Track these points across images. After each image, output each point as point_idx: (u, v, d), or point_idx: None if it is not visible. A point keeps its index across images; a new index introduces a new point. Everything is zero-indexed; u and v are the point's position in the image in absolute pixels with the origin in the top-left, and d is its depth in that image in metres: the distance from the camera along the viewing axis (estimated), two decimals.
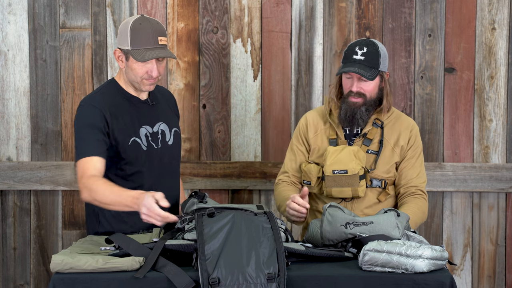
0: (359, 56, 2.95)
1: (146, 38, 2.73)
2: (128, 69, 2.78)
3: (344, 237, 2.53)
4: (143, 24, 2.74)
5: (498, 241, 3.77)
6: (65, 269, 2.28)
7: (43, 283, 3.79)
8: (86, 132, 2.70)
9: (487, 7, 3.68)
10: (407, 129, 3.04)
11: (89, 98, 2.79)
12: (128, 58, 2.76)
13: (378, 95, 3.00)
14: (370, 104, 2.97)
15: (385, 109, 3.02)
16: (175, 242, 2.38)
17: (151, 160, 2.83)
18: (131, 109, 2.82)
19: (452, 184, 3.71)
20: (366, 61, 2.94)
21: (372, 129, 3.01)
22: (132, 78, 2.79)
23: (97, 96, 2.78)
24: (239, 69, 3.72)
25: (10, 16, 3.70)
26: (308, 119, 3.11)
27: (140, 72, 2.75)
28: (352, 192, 2.93)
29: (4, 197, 3.77)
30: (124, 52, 2.76)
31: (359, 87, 2.95)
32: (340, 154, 2.92)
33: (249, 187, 3.72)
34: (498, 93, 3.71)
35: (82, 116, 2.74)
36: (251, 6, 3.69)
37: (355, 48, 2.96)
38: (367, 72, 2.92)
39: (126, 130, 2.77)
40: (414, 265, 2.28)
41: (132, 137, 2.79)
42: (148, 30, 2.73)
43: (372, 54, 2.94)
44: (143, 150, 2.81)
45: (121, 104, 2.80)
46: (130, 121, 2.79)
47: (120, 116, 2.77)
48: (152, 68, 2.75)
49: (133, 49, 2.73)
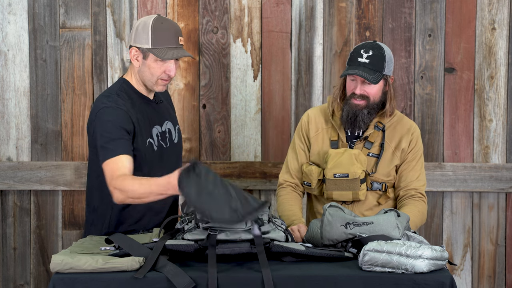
0: (364, 59, 2.93)
1: (168, 37, 2.73)
2: (144, 67, 2.76)
3: (344, 237, 2.53)
4: (164, 23, 2.74)
5: (498, 241, 3.77)
6: (65, 269, 2.28)
7: (43, 283, 3.79)
8: (116, 132, 2.66)
9: (487, 7, 3.68)
10: (408, 132, 3.03)
11: (113, 100, 2.73)
12: (146, 57, 2.74)
13: (381, 99, 2.99)
14: (372, 107, 2.96)
15: (388, 113, 3.01)
16: (175, 242, 2.38)
17: (162, 160, 2.83)
18: (145, 109, 2.81)
19: (452, 184, 3.71)
20: (371, 64, 2.92)
21: (374, 132, 3.00)
22: (147, 78, 2.77)
23: (118, 98, 2.74)
24: (239, 69, 3.72)
25: (10, 16, 3.70)
26: (310, 116, 3.10)
27: (158, 71, 2.75)
28: (353, 196, 2.93)
29: (4, 197, 3.77)
30: (143, 50, 2.74)
31: (363, 90, 2.94)
32: (341, 158, 2.92)
33: (249, 187, 3.72)
34: (498, 93, 3.71)
35: (109, 117, 2.69)
36: (251, 6, 3.70)
37: (360, 51, 2.95)
38: (371, 76, 2.91)
39: (145, 131, 2.77)
40: (414, 265, 2.28)
41: (148, 138, 2.78)
42: (170, 30, 2.74)
43: (377, 57, 2.93)
44: (155, 151, 2.81)
45: (137, 105, 2.78)
46: (147, 121, 2.79)
47: (140, 118, 2.76)
48: (171, 68, 2.75)
49: (155, 48, 2.72)
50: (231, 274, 2.29)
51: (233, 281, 2.27)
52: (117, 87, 2.80)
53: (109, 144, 2.64)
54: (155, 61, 2.73)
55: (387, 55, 2.96)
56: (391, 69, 3.00)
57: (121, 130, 2.67)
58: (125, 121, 2.69)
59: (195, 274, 2.27)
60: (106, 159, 2.64)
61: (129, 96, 2.78)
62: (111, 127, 2.67)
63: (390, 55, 2.98)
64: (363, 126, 2.97)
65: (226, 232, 2.39)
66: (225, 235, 2.38)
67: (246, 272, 2.31)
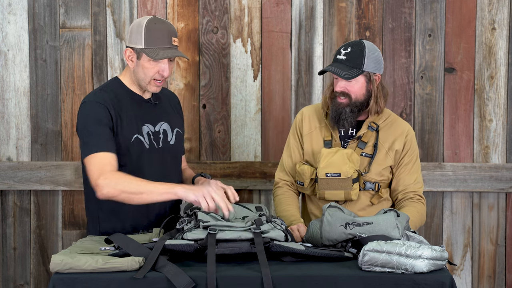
0: (342, 56, 2.94)
1: (160, 38, 2.75)
2: (138, 68, 2.79)
3: (343, 237, 2.53)
4: (157, 24, 2.77)
5: (498, 241, 3.77)
6: (64, 269, 2.28)
7: (43, 283, 3.79)
8: (95, 128, 2.69)
9: (487, 7, 3.68)
10: (402, 134, 3.02)
11: (93, 95, 2.78)
12: (140, 57, 2.77)
13: (365, 97, 2.97)
14: (355, 106, 2.95)
15: (372, 111, 2.99)
16: (175, 242, 2.38)
17: (152, 159, 2.84)
18: (134, 106, 2.82)
19: (452, 184, 3.71)
20: (347, 60, 2.92)
21: (367, 132, 3.00)
22: (141, 78, 2.80)
23: (100, 93, 2.78)
24: (239, 69, 3.72)
25: (10, 16, 3.70)
26: (304, 114, 3.11)
27: (152, 71, 2.77)
28: (345, 195, 2.92)
29: (4, 197, 3.77)
30: (136, 51, 2.77)
31: (343, 87, 2.94)
32: (334, 157, 2.91)
33: (249, 187, 3.72)
34: (498, 93, 3.71)
35: (88, 112, 2.73)
36: (251, 6, 3.69)
37: (341, 49, 2.96)
38: (344, 71, 2.90)
39: (129, 127, 2.78)
40: (414, 265, 2.28)
41: (135, 134, 2.79)
42: (163, 30, 2.76)
43: (355, 54, 2.92)
44: (146, 149, 2.81)
45: (124, 101, 2.80)
46: (133, 118, 2.80)
47: (124, 113, 2.78)
48: (164, 68, 2.77)
49: (147, 48, 2.74)
50: (230, 273, 2.29)
51: (233, 281, 2.27)
52: (105, 84, 2.86)
53: (90, 139, 2.67)
54: (148, 61, 2.76)
55: (368, 52, 2.93)
56: (378, 67, 2.96)
57: (102, 125, 2.70)
58: (103, 115, 2.71)
59: (195, 274, 2.27)
60: (91, 153, 2.66)
61: (115, 92, 2.81)
62: (93, 122, 2.70)
63: (373, 53, 2.94)
64: (346, 125, 2.96)
65: (226, 232, 2.39)
66: (225, 234, 2.38)
67: (245, 272, 2.31)
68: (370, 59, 2.92)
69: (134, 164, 2.79)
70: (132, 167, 2.78)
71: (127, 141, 2.77)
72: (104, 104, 2.73)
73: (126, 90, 2.84)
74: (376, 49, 2.97)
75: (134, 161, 2.79)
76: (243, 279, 2.28)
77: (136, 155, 2.79)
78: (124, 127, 2.76)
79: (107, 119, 2.72)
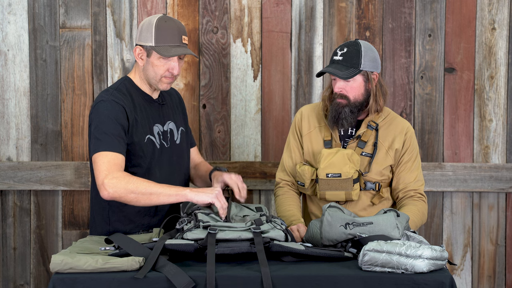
0: (338, 56, 2.94)
1: (171, 36, 2.76)
2: (148, 66, 2.79)
3: (344, 237, 2.53)
4: (168, 22, 2.78)
5: (498, 241, 3.77)
6: (65, 269, 2.28)
7: (43, 283, 3.79)
8: (111, 126, 2.68)
9: (487, 7, 3.68)
10: (401, 132, 3.02)
11: (111, 94, 2.76)
12: (150, 55, 2.77)
13: (364, 97, 2.98)
14: (355, 106, 2.95)
15: (372, 110, 2.99)
16: (175, 241, 2.38)
17: (163, 159, 2.85)
18: (145, 107, 2.84)
19: (452, 184, 3.71)
20: (343, 60, 2.92)
21: (367, 131, 2.99)
22: (151, 76, 2.80)
23: (117, 93, 2.77)
24: (239, 69, 3.72)
25: (10, 16, 3.70)
26: (303, 114, 3.11)
27: (162, 69, 2.78)
28: (346, 196, 2.92)
29: (4, 197, 3.77)
30: (146, 48, 2.78)
31: (341, 88, 2.94)
32: (334, 158, 2.91)
33: (249, 187, 3.72)
34: (498, 93, 3.71)
35: (106, 110, 2.71)
36: (251, 6, 3.70)
37: (337, 50, 2.97)
38: (341, 72, 2.91)
39: (143, 128, 2.79)
40: (414, 265, 2.28)
41: (148, 134, 2.80)
42: (173, 28, 2.77)
43: (351, 53, 2.92)
44: (157, 149, 2.82)
45: (137, 101, 2.81)
46: (145, 118, 2.81)
47: (138, 114, 2.79)
48: (174, 66, 2.78)
49: (158, 46, 2.75)
50: (230, 273, 2.29)
51: (232, 281, 2.27)
52: (118, 84, 2.84)
53: (104, 136, 2.66)
54: (158, 59, 2.76)
55: (365, 51, 2.93)
56: (376, 66, 2.97)
57: (116, 124, 2.69)
58: (121, 116, 2.71)
59: (195, 274, 2.27)
60: (99, 150, 2.65)
61: (129, 92, 2.81)
62: (107, 119, 2.69)
63: (370, 52, 2.95)
64: (345, 125, 2.96)
65: (225, 231, 2.39)
66: (225, 234, 2.38)
67: (245, 271, 2.31)
68: (367, 58, 2.93)
69: (147, 164, 2.79)
70: (145, 167, 2.78)
71: (141, 141, 2.77)
72: (122, 105, 2.73)
73: (137, 90, 2.85)
74: (372, 48, 2.97)
75: (147, 162, 2.79)
76: (243, 279, 2.28)
77: (149, 155, 2.80)
78: (138, 128, 2.77)
79: (123, 119, 2.71)
